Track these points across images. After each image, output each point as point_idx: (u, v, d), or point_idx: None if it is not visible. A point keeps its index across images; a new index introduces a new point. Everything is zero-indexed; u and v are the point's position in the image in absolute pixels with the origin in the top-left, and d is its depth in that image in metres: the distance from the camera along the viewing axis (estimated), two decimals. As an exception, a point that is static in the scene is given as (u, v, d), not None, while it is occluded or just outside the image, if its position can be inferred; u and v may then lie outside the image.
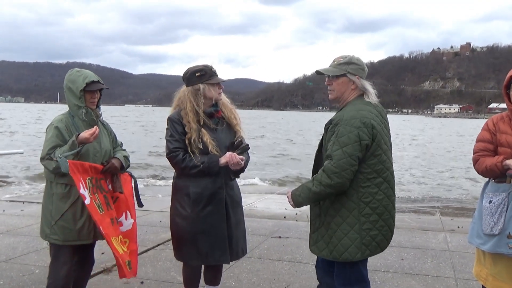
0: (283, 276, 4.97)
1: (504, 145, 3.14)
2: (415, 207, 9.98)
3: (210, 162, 3.41)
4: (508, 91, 3.15)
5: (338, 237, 3.02)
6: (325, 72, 3.13)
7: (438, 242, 6.39)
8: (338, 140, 2.92)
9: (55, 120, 3.50)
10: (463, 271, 5.09)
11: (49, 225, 3.46)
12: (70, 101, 3.51)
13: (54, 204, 3.45)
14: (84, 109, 3.49)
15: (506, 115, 3.25)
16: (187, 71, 3.55)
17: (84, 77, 3.48)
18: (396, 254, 5.73)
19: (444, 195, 12.92)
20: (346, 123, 2.94)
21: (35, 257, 5.40)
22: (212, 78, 3.50)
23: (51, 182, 3.48)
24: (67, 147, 3.34)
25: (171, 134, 3.47)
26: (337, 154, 2.90)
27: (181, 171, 3.48)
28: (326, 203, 3.06)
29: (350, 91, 3.13)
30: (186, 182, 3.49)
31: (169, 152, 3.45)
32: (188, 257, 3.56)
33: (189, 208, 3.47)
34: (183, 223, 3.49)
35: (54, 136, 3.41)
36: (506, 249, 3.04)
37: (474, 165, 3.29)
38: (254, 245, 6.09)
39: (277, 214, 8.36)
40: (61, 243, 3.45)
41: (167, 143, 3.47)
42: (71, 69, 3.61)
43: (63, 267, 3.48)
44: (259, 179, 15.19)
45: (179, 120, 3.46)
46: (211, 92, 3.49)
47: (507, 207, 3.04)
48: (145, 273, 4.97)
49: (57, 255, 3.50)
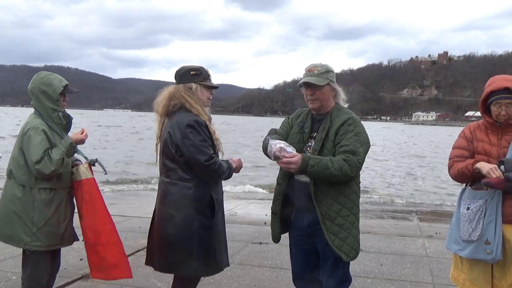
0: (263, 282, 4.97)
1: (481, 152, 3.22)
2: (394, 214, 10.09)
3: (230, 166, 3.36)
4: (485, 103, 3.22)
5: (344, 237, 3.09)
6: (316, 83, 3.13)
7: (416, 248, 6.47)
8: (359, 138, 3.08)
9: (38, 123, 3.43)
10: (441, 277, 5.16)
11: (29, 232, 3.38)
12: (44, 104, 3.46)
13: (37, 211, 3.37)
14: (60, 112, 3.48)
15: (483, 123, 3.33)
16: (182, 68, 3.39)
17: (59, 79, 3.48)
18: (376, 260, 5.79)
19: (422, 201, 13.09)
20: (359, 124, 3.13)
21: (11, 263, 5.30)
22: (207, 80, 3.38)
23: (31, 188, 3.39)
24: (64, 149, 3.34)
25: (203, 139, 3.18)
26: (360, 152, 3.05)
27: (218, 178, 3.29)
28: (334, 206, 3.09)
29: (331, 98, 3.24)
30: (206, 190, 3.27)
31: (209, 158, 3.15)
32: (207, 269, 3.36)
33: (212, 216, 3.29)
34: (207, 234, 3.28)
35: (45, 139, 3.36)
36: (484, 255, 3.10)
37: (449, 171, 3.37)
38: (234, 251, 6.08)
39: (257, 220, 8.36)
40: (45, 249, 3.40)
41: (202, 148, 3.15)
42: (39, 72, 3.55)
43: (44, 275, 3.44)
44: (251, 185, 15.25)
45: (205, 123, 3.24)
46: (203, 94, 3.35)
47: (485, 214, 3.11)
48: (125, 279, 4.91)
49: (39, 263, 3.45)
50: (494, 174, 2.99)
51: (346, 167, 2.98)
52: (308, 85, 3.17)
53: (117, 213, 8.21)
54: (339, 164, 2.98)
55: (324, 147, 3.11)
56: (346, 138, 3.06)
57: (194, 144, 3.15)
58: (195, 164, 3.18)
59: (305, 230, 3.25)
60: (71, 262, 5.30)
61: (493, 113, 3.20)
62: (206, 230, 3.26)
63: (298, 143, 3.22)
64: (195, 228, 3.23)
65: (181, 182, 3.24)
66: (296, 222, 3.31)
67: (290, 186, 3.27)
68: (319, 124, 3.22)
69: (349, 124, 3.11)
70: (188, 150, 3.16)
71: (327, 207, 3.07)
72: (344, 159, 2.99)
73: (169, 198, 3.29)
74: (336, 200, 3.08)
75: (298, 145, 3.20)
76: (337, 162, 2.97)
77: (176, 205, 3.25)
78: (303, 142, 3.23)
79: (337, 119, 3.14)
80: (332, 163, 2.96)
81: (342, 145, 3.05)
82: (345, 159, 3.00)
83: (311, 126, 3.26)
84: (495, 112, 3.18)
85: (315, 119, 3.28)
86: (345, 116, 3.15)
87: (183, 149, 3.18)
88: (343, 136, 3.08)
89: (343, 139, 3.07)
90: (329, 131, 3.12)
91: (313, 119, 3.29)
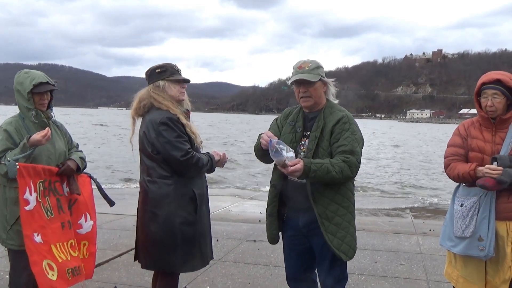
0: (258, 279, 4.97)
1: (475, 149, 3.22)
2: (388, 211, 10.11)
3: (212, 159, 3.37)
4: (478, 98, 3.23)
5: (342, 236, 3.08)
6: (309, 79, 3.08)
7: (410, 245, 6.48)
8: (356, 137, 3.06)
9: (4, 123, 3.39)
10: (434, 273, 5.18)
11: (5, 230, 3.35)
12: (19, 103, 3.41)
13: (8, 209, 3.34)
14: (34, 111, 3.39)
15: (477, 120, 3.32)
16: (149, 69, 3.45)
17: (32, 78, 3.37)
18: (370, 257, 5.79)
19: (416, 198, 13.11)
20: (353, 122, 3.12)
21: (4, 262, 5.26)
22: (174, 75, 3.38)
23: (4, 187, 3.35)
24: (18, 150, 3.24)
25: (178, 134, 3.21)
26: (358, 151, 3.04)
27: (197, 172, 3.29)
28: (331, 205, 3.07)
29: (323, 95, 3.20)
30: (188, 185, 3.30)
31: (185, 154, 3.18)
32: (194, 263, 3.38)
33: (195, 211, 3.32)
34: (190, 230, 3.30)
35: (4, 139, 3.29)
36: (477, 251, 3.11)
37: (446, 170, 3.36)
38: (229, 249, 6.08)
39: (251, 217, 8.35)
40: (18, 248, 3.34)
41: (177, 144, 3.18)
42: (20, 70, 3.50)
43: (23, 272, 3.35)
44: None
45: (177, 118, 3.26)
46: (172, 89, 3.36)
47: (478, 210, 3.12)
48: (119, 278, 4.91)
49: (16, 261, 3.40)
50: (493, 172, 3.00)
51: (346, 168, 2.97)
52: (301, 82, 3.12)
53: (111, 212, 8.16)
54: (340, 166, 2.95)
55: (319, 146, 3.08)
56: (343, 137, 3.04)
57: (168, 141, 3.19)
58: (172, 161, 3.21)
59: (300, 230, 3.22)
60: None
61: (482, 106, 3.20)
62: (189, 225, 3.29)
63: (291, 143, 3.17)
64: (178, 225, 3.26)
65: (161, 180, 3.28)
66: (291, 222, 3.26)
67: (285, 187, 3.23)
68: (312, 122, 3.18)
69: (344, 122, 3.08)
70: (163, 147, 3.21)
71: (324, 207, 3.05)
72: (343, 160, 2.97)
73: (150, 197, 3.33)
74: (333, 199, 3.06)
75: (291, 144, 3.15)
76: (337, 165, 2.95)
77: (158, 203, 3.29)
78: (296, 142, 3.18)
79: (331, 116, 3.11)
80: (333, 167, 2.94)
81: (340, 145, 3.03)
82: (345, 160, 2.97)
83: (303, 125, 3.22)
84: (483, 104, 3.18)
85: (307, 117, 3.23)
86: (339, 114, 3.12)
87: (158, 147, 3.23)
88: (339, 135, 3.05)
89: (340, 138, 3.04)
90: (323, 129, 3.09)
91: (305, 117, 3.24)
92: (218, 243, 6.32)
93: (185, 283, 4.73)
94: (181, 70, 3.45)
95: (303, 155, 3.10)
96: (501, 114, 3.16)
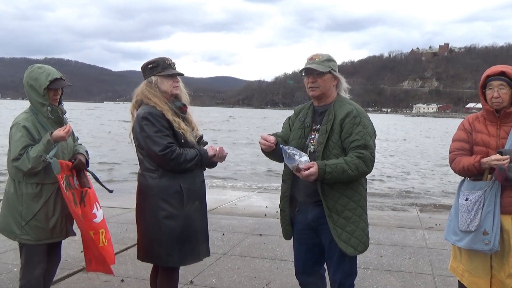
0: (263, 273, 5.00)
1: (480, 144, 3.22)
2: (394, 205, 10.11)
3: (203, 154, 3.36)
4: (484, 91, 3.23)
5: (352, 230, 3.08)
6: (318, 69, 3.10)
7: (416, 239, 6.49)
8: (368, 131, 3.05)
9: (21, 119, 3.37)
10: (440, 268, 5.19)
11: (19, 225, 3.37)
12: (32, 98, 3.41)
13: (24, 205, 3.35)
14: (49, 106, 3.40)
15: (481, 114, 3.32)
16: (143, 65, 3.46)
17: (47, 74, 3.37)
18: (375, 251, 5.81)
19: (422, 192, 13.09)
20: (364, 115, 3.10)
21: (12, 255, 5.31)
22: (165, 70, 3.38)
23: (19, 182, 3.36)
24: (42, 146, 3.24)
25: (158, 129, 3.21)
26: (371, 145, 3.03)
27: (177, 167, 3.25)
28: (341, 199, 3.07)
29: (333, 88, 3.21)
30: (174, 180, 3.29)
31: (164, 148, 3.17)
32: (183, 258, 3.38)
33: (181, 206, 3.30)
34: (175, 224, 3.28)
35: (24, 136, 3.29)
36: (482, 245, 3.11)
37: (451, 164, 3.36)
38: (234, 242, 6.11)
39: (257, 212, 8.38)
40: (34, 243, 3.38)
41: (156, 139, 3.19)
42: (32, 65, 3.50)
43: (37, 267, 3.41)
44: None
45: (162, 113, 3.26)
46: (164, 84, 3.37)
47: (483, 205, 3.12)
48: (126, 271, 4.95)
49: (31, 255, 3.43)
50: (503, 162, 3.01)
51: (361, 164, 2.97)
52: (310, 71, 3.14)
53: (118, 206, 8.24)
54: (355, 163, 2.95)
55: (329, 139, 3.07)
56: (355, 132, 3.02)
57: (148, 136, 3.23)
58: (151, 155, 3.26)
59: (309, 224, 3.22)
60: (72, 254, 5.32)
61: (488, 98, 3.20)
62: (174, 220, 3.29)
63: (300, 138, 3.20)
64: (161, 218, 3.28)
65: (147, 173, 3.34)
66: (300, 216, 3.27)
67: (295, 181, 3.23)
68: (322, 117, 3.18)
69: (354, 116, 3.06)
70: (144, 141, 3.26)
71: (334, 201, 3.05)
72: (358, 156, 2.97)
73: (138, 189, 3.43)
74: (343, 194, 3.06)
75: (301, 140, 3.18)
76: (352, 162, 2.95)
77: (144, 196, 3.36)
78: (305, 137, 3.20)
79: (340, 109, 3.10)
80: (348, 165, 2.94)
81: (353, 140, 3.01)
82: (359, 156, 2.97)
83: (312, 119, 3.23)
84: (489, 96, 3.18)
85: (317, 111, 3.24)
86: (348, 107, 3.11)
87: (140, 141, 3.28)
88: (351, 129, 3.03)
89: (352, 133, 3.02)
90: (333, 123, 3.08)
91: (314, 111, 3.25)
92: (224, 237, 6.36)
93: (191, 277, 4.76)
94: (174, 64, 3.44)
95: (313, 149, 3.11)
96: (505, 107, 3.16)
